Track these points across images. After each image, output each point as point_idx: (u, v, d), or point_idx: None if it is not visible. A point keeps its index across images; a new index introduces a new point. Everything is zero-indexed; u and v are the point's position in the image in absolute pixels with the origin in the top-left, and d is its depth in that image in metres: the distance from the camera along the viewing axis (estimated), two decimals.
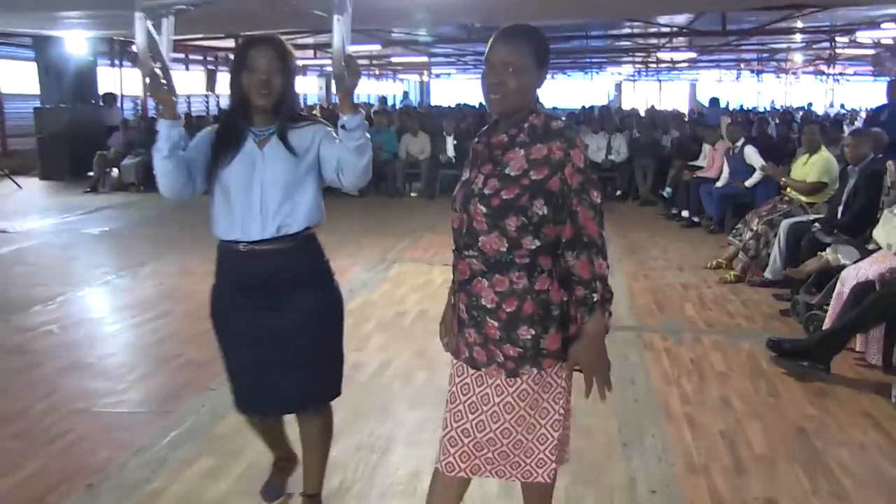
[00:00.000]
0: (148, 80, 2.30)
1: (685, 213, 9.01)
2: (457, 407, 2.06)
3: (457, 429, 2.05)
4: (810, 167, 6.38)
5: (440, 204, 10.03)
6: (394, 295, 5.84)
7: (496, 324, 1.96)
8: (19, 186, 12.44)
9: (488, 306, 1.97)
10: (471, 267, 1.99)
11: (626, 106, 26.26)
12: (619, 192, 10.93)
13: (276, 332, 2.37)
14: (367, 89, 36.88)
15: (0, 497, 2.86)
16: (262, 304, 2.37)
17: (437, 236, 7.86)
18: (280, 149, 2.33)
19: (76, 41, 13.93)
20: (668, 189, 9.69)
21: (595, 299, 1.91)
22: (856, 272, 4.39)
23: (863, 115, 15.93)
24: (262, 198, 2.30)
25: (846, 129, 9.34)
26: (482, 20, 12.49)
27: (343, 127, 2.24)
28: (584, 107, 20.13)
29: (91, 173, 13.11)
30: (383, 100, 22.49)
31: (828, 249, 5.00)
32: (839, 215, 5.36)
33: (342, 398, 2.59)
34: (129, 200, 11.16)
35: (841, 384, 4.00)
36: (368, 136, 2.33)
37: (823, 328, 4.42)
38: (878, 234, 4.57)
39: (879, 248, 4.53)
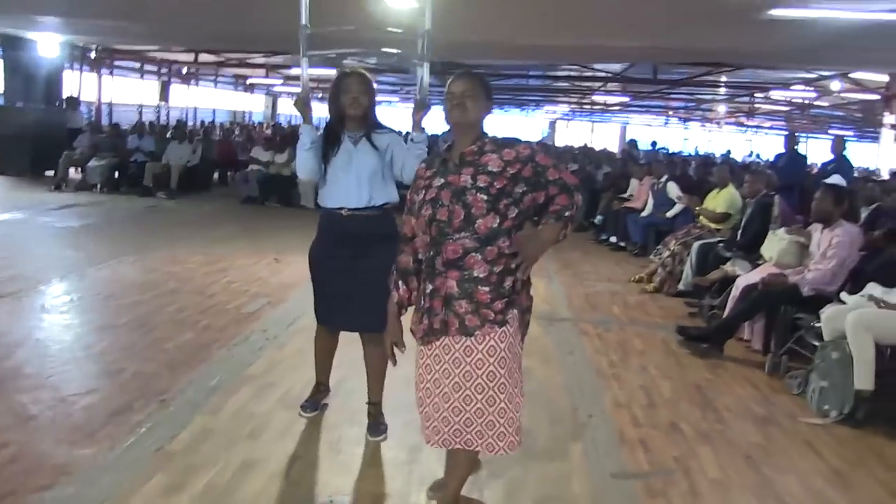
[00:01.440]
0: (302, 100, 3.51)
1: (613, 239, 10.21)
2: (433, 384, 2.62)
3: (434, 409, 2.62)
4: (720, 199, 7.64)
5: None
6: None
7: (487, 288, 2.53)
8: None
9: (480, 276, 2.54)
10: (464, 246, 2.54)
11: (558, 143, 27.76)
12: None
13: (361, 272, 3.37)
14: (317, 111, 37.73)
15: None
16: (353, 253, 3.39)
17: None
18: (368, 146, 3.39)
19: (49, 44, 14.48)
20: (599, 217, 10.89)
21: (566, 214, 2.58)
22: (746, 279, 5.59)
23: (765, 161, 17.64)
24: (357, 178, 3.31)
25: None
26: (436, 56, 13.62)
27: (412, 140, 3.40)
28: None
29: (52, 172, 13.70)
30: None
31: (728, 263, 6.20)
32: (738, 237, 6.59)
33: None
34: (95, 200, 11.78)
35: (731, 361, 5.18)
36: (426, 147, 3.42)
37: None
38: (765, 249, 5.79)
39: (765, 261, 5.73)
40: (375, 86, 3.49)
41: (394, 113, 39.52)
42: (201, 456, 3.29)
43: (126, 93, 21.96)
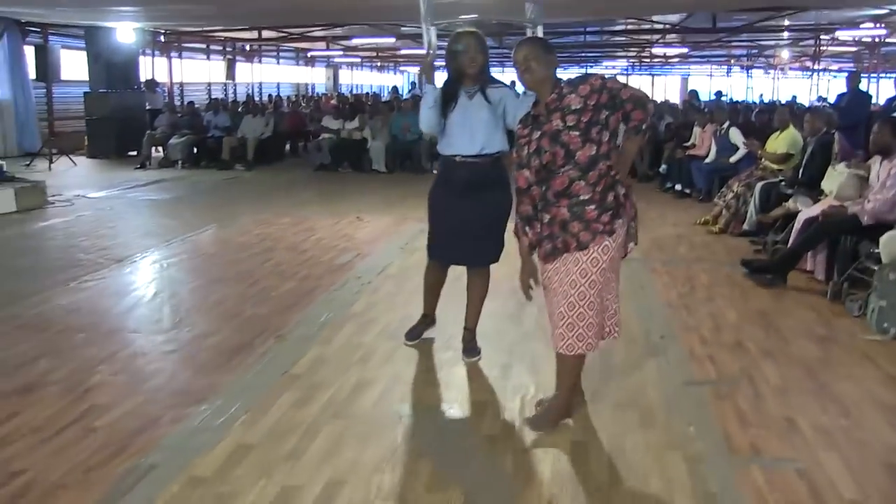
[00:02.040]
0: (428, 64, 3.97)
1: (678, 187, 10.43)
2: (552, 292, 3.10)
3: (579, 318, 3.04)
4: (781, 141, 7.84)
5: None
6: None
7: (593, 206, 2.95)
8: (74, 163, 13.75)
9: (585, 198, 2.96)
10: (569, 177, 2.95)
11: None
12: None
13: (474, 212, 3.82)
14: (371, 80, 38.35)
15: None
16: (466, 195, 3.83)
17: None
18: (482, 100, 3.78)
19: (125, 32, 15.24)
20: (663, 166, 11.10)
21: (643, 127, 2.97)
22: (808, 213, 5.85)
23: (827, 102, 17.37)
24: (471, 130, 3.74)
25: None
26: (495, 15, 13.87)
27: (525, 93, 3.63)
28: None
29: (134, 153, 14.53)
30: (395, 89, 23.70)
31: (790, 200, 6.46)
32: (800, 175, 6.82)
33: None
34: (179, 175, 12.50)
35: (794, 290, 5.49)
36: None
37: None
38: (825, 185, 6.04)
39: (826, 196, 5.98)
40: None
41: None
42: (320, 377, 3.81)
43: (194, 73, 22.78)
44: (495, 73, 3.94)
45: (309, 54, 29.06)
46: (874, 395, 3.66)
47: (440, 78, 3.91)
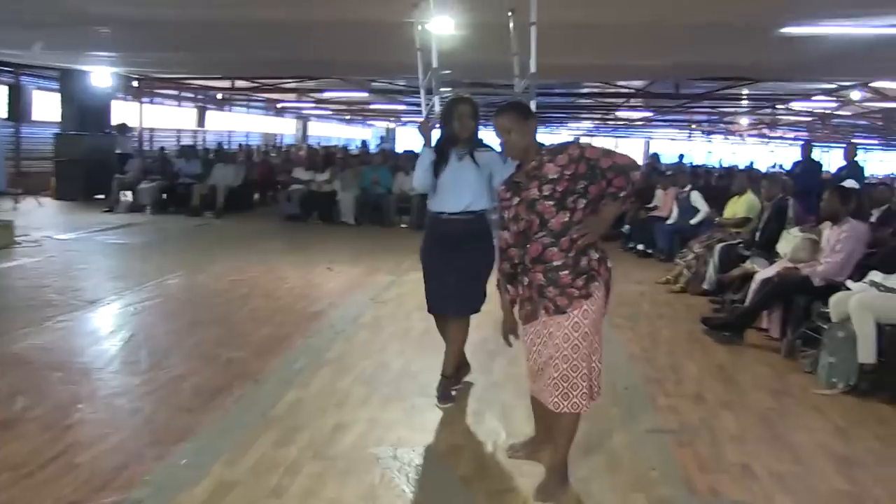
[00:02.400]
0: (427, 127, 4.14)
1: (640, 246, 10.76)
2: (531, 351, 3.18)
3: (530, 368, 3.21)
4: (740, 205, 8.22)
5: None
6: (417, 290, 7.35)
7: (566, 272, 3.00)
8: (40, 204, 13.74)
9: (558, 263, 3.01)
10: (542, 243, 3.02)
11: None
12: None
13: (458, 266, 4.04)
14: (340, 132, 38.78)
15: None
16: (452, 248, 4.06)
17: None
18: (470, 162, 4.05)
19: (101, 76, 15.39)
20: (626, 226, 11.45)
21: (621, 195, 3.00)
22: (764, 274, 6.15)
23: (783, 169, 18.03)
24: (459, 189, 3.97)
25: None
26: (467, 76, 14.30)
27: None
28: None
29: (102, 196, 14.55)
30: (364, 143, 24.06)
31: (747, 262, 6.77)
32: (757, 237, 7.15)
33: None
34: (148, 220, 12.56)
35: (750, 346, 5.76)
36: None
37: None
38: (780, 247, 6.37)
39: (781, 258, 6.29)
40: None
41: (413, 133, 40.81)
42: (299, 420, 3.92)
43: (165, 119, 22.91)
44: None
45: (279, 105, 29.41)
46: (824, 444, 3.88)
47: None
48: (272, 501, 3.06)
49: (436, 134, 4.17)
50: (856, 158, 9.68)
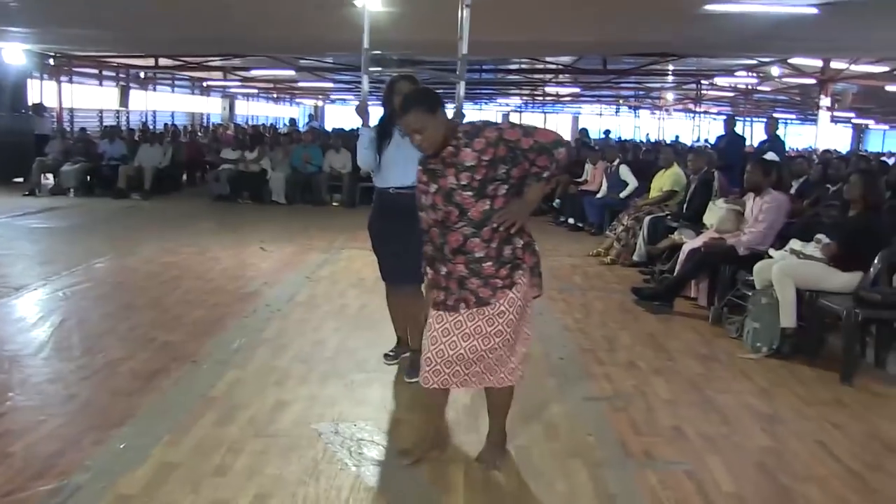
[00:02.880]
0: (362, 107, 4.23)
1: (571, 220, 10.96)
2: (445, 336, 2.99)
3: (437, 355, 3.01)
4: (666, 178, 8.44)
5: (360, 211, 11.58)
6: (351, 267, 7.38)
7: (489, 262, 2.87)
8: None
9: (480, 255, 2.86)
10: (462, 234, 2.85)
11: None
12: None
13: (404, 237, 4.03)
14: (267, 111, 38.15)
15: None
16: (400, 220, 4.05)
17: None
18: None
19: (14, 52, 14.77)
20: (557, 201, 11.64)
21: (545, 175, 2.88)
22: (691, 245, 6.35)
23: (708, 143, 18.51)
24: (404, 164, 3.95)
25: None
26: (397, 53, 14.23)
27: None
28: None
29: (20, 179, 14.04)
30: (293, 121, 23.73)
31: (675, 233, 6.97)
32: (684, 210, 7.37)
33: None
34: (72, 203, 12.21)
35: (679, 315, 5.96)
36: None
37: None
38: (706, 219, 6.59)
39: (707, 229, 6.51)
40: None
41: (343, 112, 40.71)
42: (239, 399, 3.91)
43: (86, 99, 22.13)
44: None
45: (205, 83, 28.75)
46: (749, 405, 4.07)
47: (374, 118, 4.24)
48: (216, 480, 3.05)
49: (376, 113, 4.21)
50: (777, 132, 10.01)
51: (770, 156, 8.00)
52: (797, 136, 35.07)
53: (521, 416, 3.76)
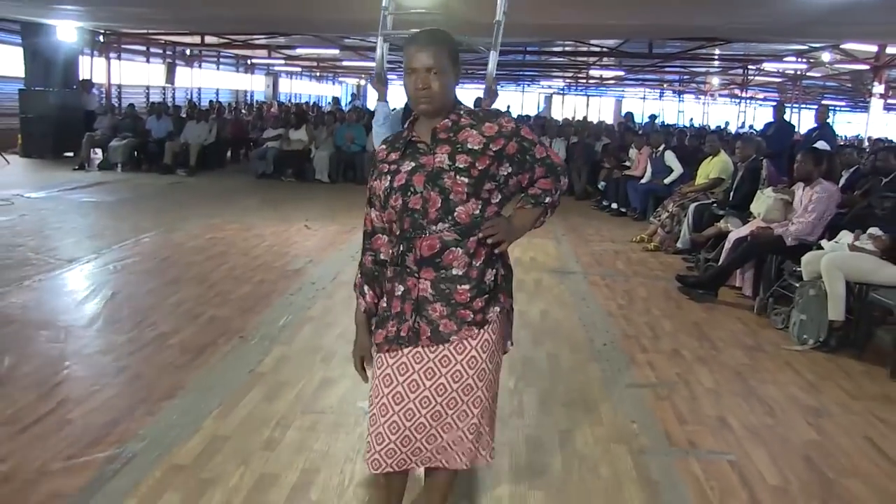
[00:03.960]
0: (376, 78, 3.99)
1: (614, 205, 10.89)
2: (392, 399, 2.22)
3: (390, 429, 2.23)
4: (713, 165, 8.34)
5: None
6: None
7: (467, 286, 2.15)
8: (7, 161, 13.50)
9: (458, 273, 2.14)
10: (441, 240, 2.12)
11: (556, 116, 28.31)
12: None
13: None
14: (310, 89, 38.37)
15: None
16: None
17: None
18: None
19: (67, 30, 15.05)
20: (602, 183, 11.58)
21: (546, 200, 2.27)
22: (737, 233, 6.28)
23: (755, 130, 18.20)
24: None
25: None
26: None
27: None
28: (518, 116, 21.86)
29: (70, 153, 14.34)
30: (336, 100, 23.84)
31: (721, 221, 6.90)
32: (731, 198, 7.28)
33: None
34: (120, 178, 12.41)
35: (724, 304, 5.91)
36: None
37: None
38: (754, 207, 6.49)
39: (755, 217, 6.43)
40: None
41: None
42: (286, 375, 3.99)
43: (133, 75, 22.48)
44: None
45: (249, 61, 29.01)
46: (795, 397, 4.04)
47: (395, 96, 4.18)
48: (265, 454, 3.13)
49: (395, 88, 4.15)
50: (827, 120, 9.82)
51: (820, 144, 7.89)
52: (846, 124, 34.32)
53: (564, 400, 3.78)
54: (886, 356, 4.60)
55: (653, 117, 22.58)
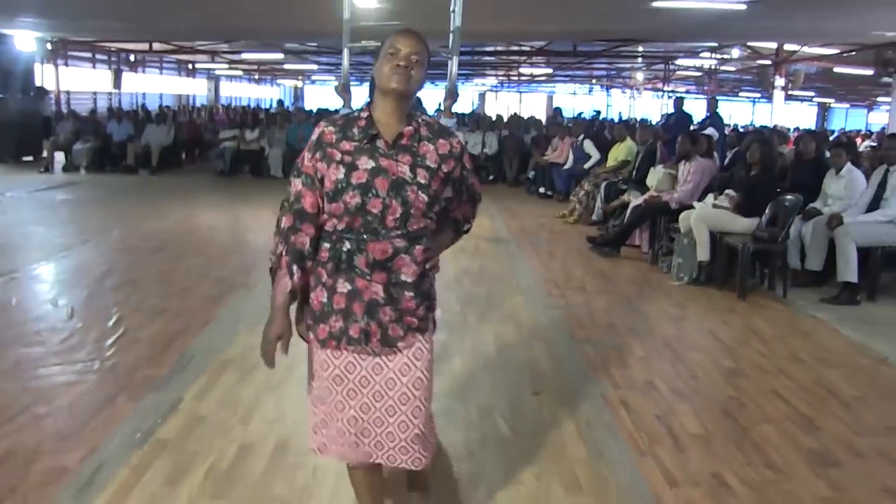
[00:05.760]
0: (342, 86, 5.07)
1: (542, 189, 12.37)
2: (347, 395, 2.23)
3: (350, 423, 2.24)
4: (620, 150, 9.90)
5: None
6: None
7: (412, 293, 2.18)
8: None
9: (407, 279, 2.17)
10: (394, 245, 2.13)
11: (489, 113, 29.81)
12: (491, 178, 14.22)
13: None
14: (249, 91, 39.17)
15: None
16: None
17: None
18: None
19: (26, 39, 15.87)
20: (531, 172, 13.04)
21: (465, 228, 2.43)
22: (636, 202, 7.78)
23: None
24: None
25: None
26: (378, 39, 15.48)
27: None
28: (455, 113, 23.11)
29: (30, 157, 15.22)
30: (280, 102, 24.90)
31: (625, 194, 8.40)
32: (634, 175, 8.81)
33: None
34: (86, 178, 13.36)
35: (625, 258, 7.42)
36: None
37: None
38: (649, 181, 8.02)
39: (650, 190, 7.94)
40: None
41: (319, 92, 42.03)
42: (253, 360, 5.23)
43: (79, 82, 23.14)
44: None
45: (191, 66, 29.79)
46: (667, 311, 5.55)
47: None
48: (243, 429, 3.37)
49: (359, 93, 4.52)
50: (717, 110, 11.45)
51: (710, 130, 9.46)
52: (766, 115, 36.65)
53: (499, 318, 5.17)
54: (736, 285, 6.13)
55: (580, 114, 24.19)
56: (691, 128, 10.47)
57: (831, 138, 13.15)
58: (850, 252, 5.89)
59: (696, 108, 16.56)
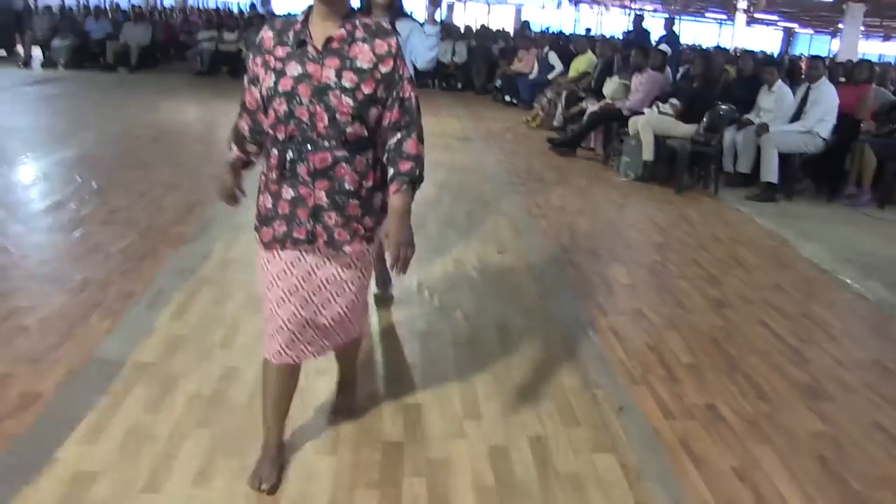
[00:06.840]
0: None
1: (507, 97, 13.12)
2: (288, 291, 2.26)
3: (289, 321, 2.27)
4: (581, 62, 10.69)
5: None
6: None
7: (357, 202, 2.20)
8: None
9: (350, 189, 2.17)
10: (333, 155, 2.13)
11: (457, 23, 29.99)
12: (460, 85, 14.89)
13: None
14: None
15: None
16: None
17: None
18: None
19: None
20: (498, 81, 13.75)
21: (418, 174, 2.18)
22: (592, 109, 8.64)
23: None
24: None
25: None
26: None
27: (425, 32, 3.65)
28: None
29: (3, 52, 15.36)
30: (253, 5, 24.93)
31: (584, 102, 9.24)
32: (593, 85, 9.64)
33: None
34: (68, 75, 13.47)
35: (581, 158, 8.35)
36: (439, 39, 3.70)
37: None
38: (605, 90, 8.86)
39: (605, 98, 8.80)
40: None
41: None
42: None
43: None
44: None
45: None
46: (612, 200, 6.55)
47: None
48: (223, 350, 3.23)
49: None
50: (673, 28, 12.21)
51: (664, 47, 10.26)
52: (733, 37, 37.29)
53: (471, 199, 6.06)
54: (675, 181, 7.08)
55: (547, 28, 24.72)
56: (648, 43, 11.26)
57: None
58: (772, 156, 6.85)
59: (658, 26, 17.36)
